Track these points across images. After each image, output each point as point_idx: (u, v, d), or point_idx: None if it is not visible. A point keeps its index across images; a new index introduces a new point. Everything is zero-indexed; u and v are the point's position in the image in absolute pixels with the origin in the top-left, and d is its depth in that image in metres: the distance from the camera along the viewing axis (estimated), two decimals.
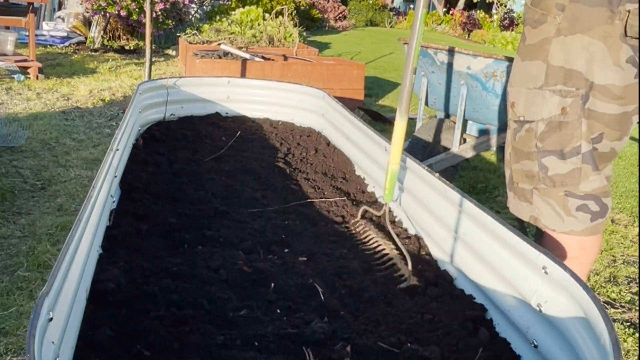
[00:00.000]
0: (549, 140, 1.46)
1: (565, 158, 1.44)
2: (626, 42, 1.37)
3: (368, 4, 17.03)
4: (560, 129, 1.44)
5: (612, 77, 1.39)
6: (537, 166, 1.48)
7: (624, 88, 1.38)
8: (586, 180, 1.44)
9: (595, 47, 1.39)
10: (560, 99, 1.43)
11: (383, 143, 2.05)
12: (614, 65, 1.38)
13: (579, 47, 1.40)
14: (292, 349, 1.16)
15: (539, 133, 1.47)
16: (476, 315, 1.34)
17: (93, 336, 1.09)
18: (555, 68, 1.44)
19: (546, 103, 1.45)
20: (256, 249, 1.59)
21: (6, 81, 4.82)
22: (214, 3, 10.12)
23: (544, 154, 1.47)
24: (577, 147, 1.43)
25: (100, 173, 1.44)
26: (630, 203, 3.19)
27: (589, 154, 1.43)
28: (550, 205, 1.49)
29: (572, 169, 1.44)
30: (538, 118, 1.47)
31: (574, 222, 1.46)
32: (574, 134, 1.43)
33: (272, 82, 3.05)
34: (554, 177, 1.46)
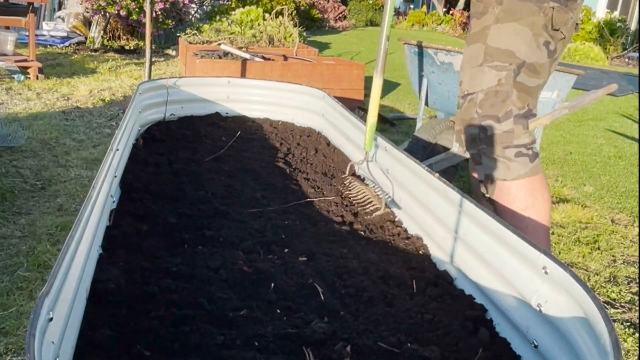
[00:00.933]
0: (486, 106, 1.75)
1: (500, 121, 1.74)
2: (547, 30, 1.72)
3: (368, 4, 17.04)
4: (496, 97, 1.75)
5: (535, 57, 1.73)
6: (478, 130, 1.78)
7: (541, 65, 1.74)
8: (518, 138, 1.75)
9: (524, 33, 1.72)
10: (497, 73, 1.74)
11: (383, 143, 2.05)
12: (536, 48, 1.72)
13: (512, 32, 1.73)
14: (292, 349, 1.16)
15: (479, 101, 1.76)
16: (476, 315, 1.34)
17: (93, 336, 1.09)
18: (492, 48, 1.75)
19: (485, 77, 1.76)
20: (256, 249, 1.59)
21: (6, 81, 4.82)
22: (214, 3, 10.12)
23: (483, 119, 1.76)
24: (509, 111, 1.74)
25: (100, 173, 1.44)
26: (630, 203, 3.19)
27: (520, 117, 1.75)
28: (495, 160, 1.77)
29: (507, 129, 1.74)
30: (478, 89, 1.77)
31: (517, 166, 1.74)
32: (506, 101, 1.73)
33: (272, 82, 3.05)
34: (492, 137, 1.75)
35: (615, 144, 4.68)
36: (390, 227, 1.85)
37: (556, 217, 2.84)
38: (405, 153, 1.88)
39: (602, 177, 3.67)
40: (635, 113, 6.22)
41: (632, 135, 5.07)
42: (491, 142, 1.74)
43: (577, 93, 6.16)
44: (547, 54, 1.74)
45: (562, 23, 1.72)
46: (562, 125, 5.21)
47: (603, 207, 3.08)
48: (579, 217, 2.86)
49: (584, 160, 4.08)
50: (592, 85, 7.14)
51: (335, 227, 1.82)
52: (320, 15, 13.57)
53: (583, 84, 7.27)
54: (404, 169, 1.89)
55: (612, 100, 6.95)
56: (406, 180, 1.87)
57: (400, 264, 1.62)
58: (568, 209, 2.94)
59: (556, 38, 1.75)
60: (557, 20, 1.71)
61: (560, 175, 3.62)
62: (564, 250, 2.48)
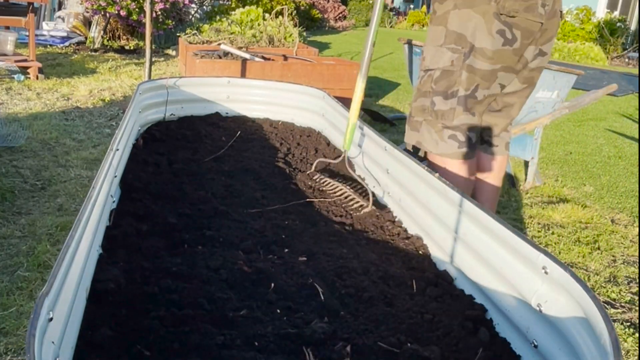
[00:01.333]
0: (440, 83, 1.95)
1: (447, 98, 1.95)
2: (499, 18, 1.84)
3: (368, 4, 17.03)
4: (448, 76, 1.93)
5: (486, 43, 1.86)
6: (429, 102, 1.99)
7: (494, 52, 1.86)
8: (458, 117, 1.95)
9: (477, 19, 1.86)
10: (451, 54, 1.92)
11: (383, 143, 2.05)
12: (488, 34, 1.85)
13: (467, 18, 1.88)
14: (292, 349, 1.16)
15: (435, 78, 1.97)
16: (476, 315, 1.34)
17: (93, 336, 1.09)
18: (451, 32, 1.92)
19: (442, 56, 1.95)
20: (256, 249, 1.59)
21: (6, 81, 4.82)
22: (214, 3, 10.11)
23: (435, 94, 1.97)
24: (456, 91, 1.93)
25: (100, 173, 1.44)
26: (630, 203, 3.19)
27: (464, 98, 1.93)
28: (431, 133, 2.00)
29: (450, 107, 1.95)
30: (436, 67, 1.96)
31: (444, 146, 1.97)
32: (455, 81, 1.92)
33: (272, 82, 3.05)
34: (437, 111, 1.97)
35: (615, 144, 4.68)
36: (390, 227, 1.85)
37: (556, 217, 2.84)
38: (405, 153, 1.88)
39: (602, 177, 3.67)
40: (635, 113, 6.22)
41: (632, 135, 5.07)
42: (436, 115, 1.97)
43: (577, 93, 6.16)
44: (503, 42, 1.86)
45: (517, 10, 1.82)
46: (562, 125, 5.21)
47: (603, 207, 3.08)
48: (579, 217, 2.86)
49: (584, 160, 4.08)
50: (592, 85, 7.14)
51: (335, 227, 1.82)
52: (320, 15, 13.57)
53: (583, 84, 7.27)
54: (404, 169, 1.89)
55: (612, 100, 6.95)
56: (406, 180, 1.87)
57: (400, 264, 1.62)
58: (568, 209, 2.94)
59: (517, 26, 1.85)
60: (509, 8, 1.82)
61: (560, 175, 3.62)
62: (564, 250, 2.48)
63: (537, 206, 2.99)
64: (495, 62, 1.89)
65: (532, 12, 1.84)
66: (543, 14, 1.86)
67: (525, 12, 1.83)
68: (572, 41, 12.80)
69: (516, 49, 1.89)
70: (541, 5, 1.85)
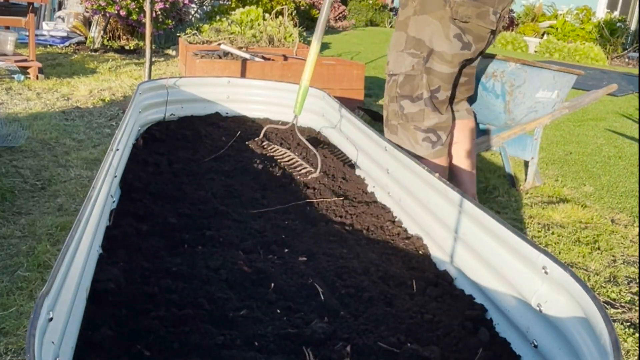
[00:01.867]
0: (404, 88, 2.06)
1: (414, 101, 2.06)
2: (454, 23, 1.94)
3: (368, 4, 17.03)
4: (411, 80, 2.05)
5: (444, 47, 1.96)
6: (398, 107, 2.10)
7: (452, 55, 1.97)
8: (428, 118, 2.06)
9: (434, 25, 1.96)
10: (412, 59, 2.03)
11: (383, 143, 2.05)
12: (445, 39, 1.96)
13: (424, 24, 1.98)
14: (292, 349, 1.16)
15: (399, 82, 2.07)
16: (476, 315, 1.34)
17: (93, 336, 1.09)
18: (410, 37, 2.03)
19: (404, 61, 2.05)
20: (256, 249, 1.59)
21: (6, 81, 4.82)
22: (214, 3, 10.11)
23: (402, 98, 2.08)
24: (420, 94, 2.04)
25: (100, 173, 1.44)
26: (630, 203, 3.19)
27: (429, 99, 2.04)
28: (407, 137, 2.11)
29: (418, 109, 2.05)
30: (399, 72, 2.07)
31: (420, 149, 2.11)
32: (418, 84, 2.03)
33: (272, 82, 3.05)
34: (407, 114, 2.08)
35: (615, 144, 4.68)
36: (390, 227, 1.85)
37: (556, 217, 2.84)
38: (405, 153, 1.88)
39: (602, 177, 3.67)
40: (635, 113, 6.22)
41: (632, 135, 5.07)
42: (407, 119, 2.10)
43: (577, 93, 6.16)
44: (462, 46, 1.97)
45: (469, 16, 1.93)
46: (562, 125, 5.21)
47: (603, 207, 3.08)
48: (579, 217, 2.86)
49: (584, 160, 4.08)
50: (592, 85, 7.14)
51: (335, 227, 1.82)
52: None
53: (583, 84, 7.27)
54: (404, 169, 1.89)
55: (612, 100, 6.95)
56: (406, 180, 1.87)
57: (400, 264, 1.62)
58: (568, 209, 2.94)
59: (471, 31, 1.96)
60: (463, 14, 1.93)
61: (560, 175, 3.62)
62: (564, 250, 2.48)
63: (537, 206, 2.99)
64: (454, 66, 2.00)
65: (484, 19, 1.94)
66: (494, 21, 1.96)
67: (477, 19, 1.94)
68: (572, 41, 12.79)
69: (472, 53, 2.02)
70: (493, 12, 1.95)
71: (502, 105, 2.81)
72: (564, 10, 14.36)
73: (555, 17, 14.39)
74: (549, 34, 13.67)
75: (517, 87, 2.75)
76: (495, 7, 1.95)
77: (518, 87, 2.75)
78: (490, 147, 3.10)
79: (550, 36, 13.31)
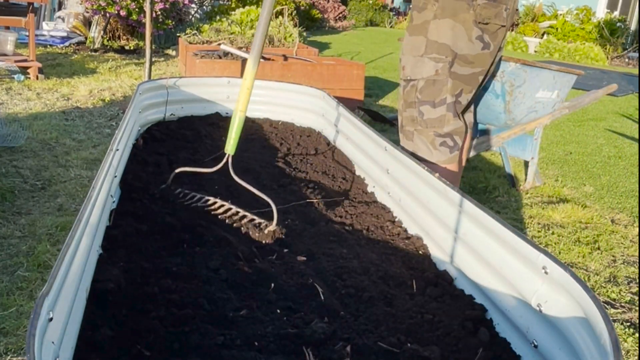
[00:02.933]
0: (425, 93, 2.04)
1: (435, 107, 2.03)
2: (477, 25, 1.97)
3: (368, 4, 17.02)
4: (433, 85, 2.02)
5: (468, 49, 1.98)
6: (417, 112, 2.07)
7: (474, 56, 2.00)
8: (448, 124, 2.05)
9: (457, 28, 1.96)
10: (435, 64, 2.00)
11: (383, 143, 2.05)
12: (468, 41, 1.97)
13: (447, 27, 1.97)
14: (292, 349, 1.16)
15: (419, 88, 2.04)
16: (476, 315, 1.34)
17: (93, 336, 1.09)
18: (431, 42, 2.00)
19: (425, 66, 2.03)
20: (256, 249, 1.59)
21: (6, 81, 4.82)
22: (214, 3, 10.11)
23: (421, 103, 2.05)
24: (444, 99, 2.02)
25: (100, 173, 1.44)
26: (630, 203, 3.19)
27: (452, 104, 2.03)
28: (424, 142, 2.09)
29: (440, 115, 2.03)
30: (419, 77, 2.04)
31: (438, 154, 2.09)
32: (442, 89, 2.01)
33: (272, 82, 3.05)
34: (427, 120, 2.05)
35: (615, 144, 4.68)
36: (390, 227, 1.85)
37: (556, 217, 2.84)
38: (405, 153, 1.88)
39: (602, 177, 3.67)
40: (635, 113, 6.22)
41: (632, 135, 5.07)
42: (426, 125, 2.07)
43: (577, 93, 6.16)
44: (482, 47, 2.00)
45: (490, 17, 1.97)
46: (562, 125, 5.21)
47: (603, 207, 3.08)
48: (579, 217, 2.86)
49: (584, 160, 4.08)
50: (592, 85, 7.14)
51: (335, 227, 1.82)
52: (320, 15, 13.56)
53: (583, 84, 7.27)
54: (404, 169, 1.89)
55: (612, 100, 6.95)
56: (406, 180, 1.87)
57: (400, 264, 1.62)
58: (568, 209, 2.94)
59: (488, 31, 1.99)
60: (485, 15, 1.96)
61: (560, 175, 3.62)
62: (564, 250, 2.48)
63: (537, 206, 2.99)
64: (475, 66, 2.03)
65: (500, 17, 2.00)
66: (506, 17, 2.02)
67: (495, 18, 1.99)
68: (572, 41, 12.79)
69: (491, 52, 2.05)
70: (505, 9, 2.00)
71: (502, 105, 2.81)
72: (564, 10, 14.35)
73: (555, 17, 14.39)
74: (549, 34, 13.67)
75: (517, 87, 2.75)
76: (507, 5, 2.00)
77: (518, 87, 2.75)
78: (490, 147, 3.10)
79: (550, 36, 13.30)
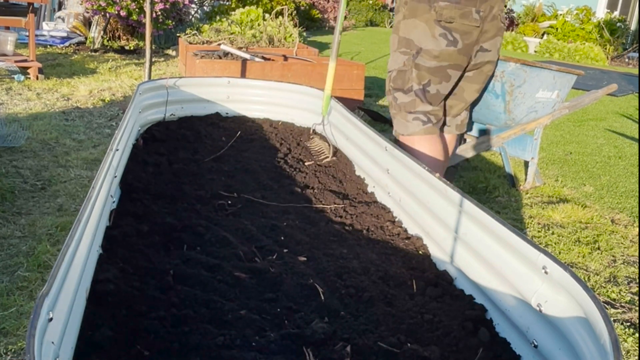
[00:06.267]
0: (396, 82, 2.35)
1: (406, 93, 2.33)
2: (439, 24, 2.19)
3: (368, 4, 17.02)
4: (402, 75, 2.33)
5: (431, 45, 2.22)
6: (392, 98, 2.39)
7: (439, 51, 2.22)
8: (418, 107, 2.33)
9: (421, 26, 2.23)
10: (402, 57, 2.31)
11: (383, 143, 2.05)
12: (431, 37, 2.21)
13: (412, 26, 2.26)
14: (292, 349, 1.16)
15: (392, 77, 2.37)
16: (476, 315, 1.34)
17: (93, 336, 1.09)
18: (401, 38, 2.31)
19: (397, 59, 2.34)
20: (256, 249, 1.59)
21: (6, 81, 4.82)
22: (214, 3, 10.11)
23: (395, 90, 2.37)
24: (411, 86, 2.31)
25: (100, 173, 1.44)
26: (630, 203, 3.19)
27: (420, 91, 2.30)
28: (400, 121, 2.39)
29: (411, 100, 2.32)
30: (393, 68, 2.36)
31: (411, 126, 2.34)
32: (409, 78, 2.31)
33: (272, 82, 3.05)
34: (401, 104, 2.35)
35: (615, 144, 4.68)
36: (390, 227, 1.85)
37: (556, 217, 2.84)
38: (405, 153, 1.88)
39: (602, 177, 3.67)
40: (635, 113, 6.22)
41: (632, 135, 5.07)
42: (400, 108, 2.36)
43: (577, 93, 6.16)
44: (447, 43, 2.21)
45: (454, 17, 2.17)
46: (562, 125, 5.21)
47: (603, 207, 3.08)
48: (579, 217, 2.86)
49: (584, 160, 4.08)
50: (592, 85, 7.14)
51: (335, 227, 1.82)
52: (320, 15, 13.56)
53: (583, 84, 7.27)
54: (404, 169, 1.89)
55: (612, 100, 6.95)
56: (406, 180, 1.87)
57: (400, 264, 1.62)
58: (568, 209, 2.94)
59: (457, 30, 2.19)
60: (447, 15, 2.17)
61: (560, 175, 3.62)
62: (564, 250, 2.48)
63: (537, 206, 2.99)
64: (442, 61, 2.23)
65: (467, 17, 2.18)
66: (478, 18, 2.19)
67: (461, 18, 2.17)
68: (572, 41, 12.78)
69: (460, 49, 2.22)
70: (475, 12, 2.18)
71: (502, 105, 2.81)
72: (564, 10, 14.35)
73: (555, 17, 14.39)
74: (549, 34, 13.67)
75: (517, 87, 2.75)
76: (478, 7, 2.18)
77: (518, 87, 2.75)
78: (490, 147, 3.10)
79: (550, 36, 13.31)
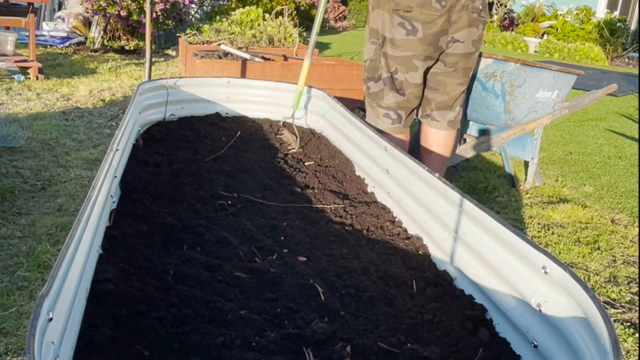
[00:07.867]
0: (368, 71, 2.47)
1: (376, 82, 2.44)
2: (397, 14, 2.28)
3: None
4: (372, 64, 2.45)
5: (393, 34, 2.32)
6: (365, 87, 2.51)
7: (400, 41, 2.31)
8: (386, 96, 2.43)
9: (384, 16, 2.35)
10: (372, 46, 2.44)
11: (383, 143, 2.05)
12: (392, 27, 2.32)
13: (377, 16, 2.39)
14: (292, 349, 1.16)
15: (366, 67, 2.49)
16: (476, 315, 1.34)
17: (93, 336, 1.09)
18: (371, 29, 2.45)
19: (368, 49, 2.48)
20: (256, 249, 1.59)
21: (6, 81, 4.82)
22: (214, 3, 10.11)
23: (368, 80, 2.48)
24: (380, 75, 2.41)
25: (100, 173, 1.44)
26: (630, 203, 3.19)
27: (388, 79, 2.40)
28: (371, 113, 2.50)
29: (379, 89, 2.43)
30: (366, 58, 2.49)
31: (381, 123, 2.46)
32: (378, 67, 2.42)
33: (272, 82, 3.05)
34: (372, 94, 2.47)
35: (615, 144, 4.68)
36: (390, 227, 1.85)
37: (556, 217, 2.84)
38: (405, 153, 1.88)
39: (602, 177, 3.67)
40: (635, 113, 6.22)
41: (632, 135, 5.07)
42: (371, 98, 2.48)
43: (577, 93, 6.16)
44: (406, 33, 2.28)
45: (410, 6, 2.23)
46: (562, 125, 5.21)
47: (603, 207, 3.08)
48: (579, 217, 2.86)
49: (584, 160, 4.08)
50: (592, 85, 7.14)
51: (335, 227, 1.82)
52: None
53: (583, 84, 7.27)
54: (404, 169, 1.89)
55: (612, 100, 6.95)
56: (406, 180, 1.87)
57: (400, 264, 1.62)
58: (568, 209, 2.94)
59: (416, 19, 2.25)
60: (403, 5, 2.24)
61: (560, 175, 3.62)
62: (564, 250, 2.48)
63: (537, 206, 2.99)
64: (404, 50, 2.32)
65: (426, 6, 2.22)
66: (439, 7, 2.22)
67: (420, 7, 2.22)
68: (572, 41, 12.79)
69: (421, 39, 2.28)
70: (436, 1, 2.21)
71: (502, 105, 2.81)
72: (564, 10, 14.35)
73: (555, 17, 14.39)
74: (549, 34, 13.67)
75: (517, 87, 2.75)
76: None
77: (518, 87, 2.75)
78: (490, 147, 3.10)
79: (550, 36, 13.31)
